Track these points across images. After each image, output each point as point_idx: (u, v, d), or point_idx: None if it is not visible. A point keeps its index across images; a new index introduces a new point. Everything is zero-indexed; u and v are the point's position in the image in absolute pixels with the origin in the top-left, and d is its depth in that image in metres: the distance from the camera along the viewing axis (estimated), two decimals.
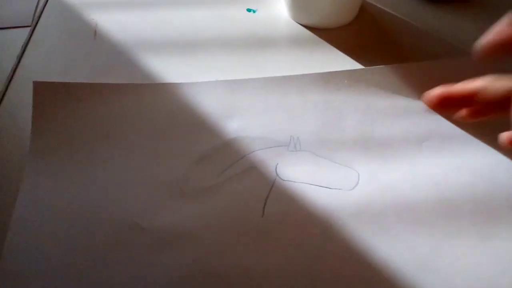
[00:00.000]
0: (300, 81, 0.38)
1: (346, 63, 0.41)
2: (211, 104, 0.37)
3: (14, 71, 0.42)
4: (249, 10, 0.47)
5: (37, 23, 0.47)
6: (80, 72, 0.41)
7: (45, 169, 0.34)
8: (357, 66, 0.41)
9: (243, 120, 0.36)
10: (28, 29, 0.46)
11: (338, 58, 0.42)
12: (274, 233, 0.31)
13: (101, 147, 0.35)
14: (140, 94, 0.38)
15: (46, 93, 0.38)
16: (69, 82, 0.38)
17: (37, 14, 0.48)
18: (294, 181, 0.33)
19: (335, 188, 0.33)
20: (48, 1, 0.49)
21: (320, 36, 0.44)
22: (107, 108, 0.37)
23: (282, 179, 0.33)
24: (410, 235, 0.30)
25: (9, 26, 0.47)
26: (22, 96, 0.40)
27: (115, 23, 0.45)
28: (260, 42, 0.43)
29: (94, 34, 0.45)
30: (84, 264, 0.30)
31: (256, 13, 0.46)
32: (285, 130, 0.36)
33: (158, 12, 0.47)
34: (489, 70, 0.33)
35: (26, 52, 0.44)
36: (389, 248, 0.30)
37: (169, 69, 0.41)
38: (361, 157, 0.34)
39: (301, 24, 0.45)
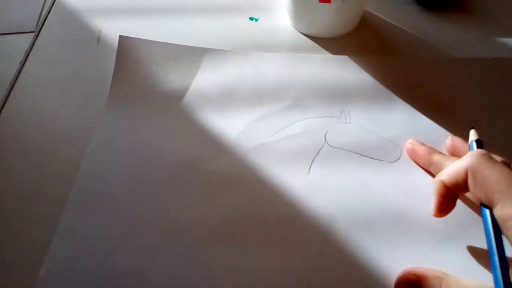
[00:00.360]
0: (355, 63, 0.42)
1: None
2: (274, 74, 0.41)
3: (17, 76, 0.42)
4: (251, 18, 0.47)
5: (41, 29, 0.47)
6: (84, 78, 0.42)
7: (120, 112, 0.39)
8: None
9: (301, 90, 0.40)
10: (32, 35, 0.46)
11: None
12: (317, 190, 0.34)
13: (172, 100, 0.40)
14: (212, 57, 0.42)
15: (128, 47, 0.42)
16: (151, 40, 0.43)
17: (41, 20, 0.48)
18: (341, 148, 0.36)
19: (378, 159, 0.36)
20: (52, 7, 0.49)
21: (322, 45, 0.44)
22: (181, 66, 0.42)
23: (330, 145, 0.37)
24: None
25: (13, 31, 0.47)
26: (24, 102, 0.40)
27: (119, 29, 0.44)
28: (263, 50, 0.43)
29: (97, 41, 0.45)
30: (146, 192, 0.34)
31: (259, 21, 0.47)
32: (338, 104, 0.39)
33: (162, 19, 0.47)
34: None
35: (29, 58, 0.44)
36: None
37: None
38: (407, 136, 0.37)
39: (302, 33, 0.45)
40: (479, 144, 0.32)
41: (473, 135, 0.33)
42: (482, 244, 0.31)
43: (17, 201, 0.35)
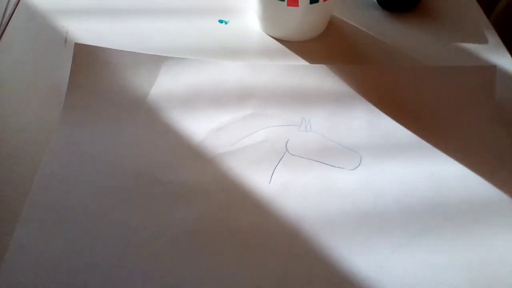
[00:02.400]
0: (317, 71, 0.42)
1: None
2: (236, 82, 0.41)
3: None
4: (221, 21, 0.47)
5: (4, 29, 0.45)
6: (49, 80, 0.41)
7: (76, 121, 0.38)
8: None
9: (262, 99, 0.40)
10: None
11: None
12: (278, 199, 0.34)
13: (130, 109, 0.39)
14: (171, 65, 0.41)
15: (84, 54, 0.41)
16: (108, 48, 0.42)
17: (5, 21, 0.46)
18: (302, 157, 0.36)
19: (338, 167, 0.36)
20: (17, 8, 0.47)
21: (290, 49, 0.45)
22: (139, 74, 0.41)
23: (290, 153, 0.36)
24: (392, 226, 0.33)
25: None
26: None
27: (86, 31, 0.44)
28: (232, 53, 0.44)
29: (64, 42, 0.44)
30: (104, 206, 0.33)
31: (228, 24, 0.47)
32: (299, 112, 0.39)
33: (130, 20, 0.46)
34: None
35: None
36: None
37: None
38: (366, 144, 0.37)
39: (272, 37, 0.46)
40: None
41: None
42: (438, 251, 0.31)
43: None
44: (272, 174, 0.35)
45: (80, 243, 0.32)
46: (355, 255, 0.31)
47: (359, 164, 0.36)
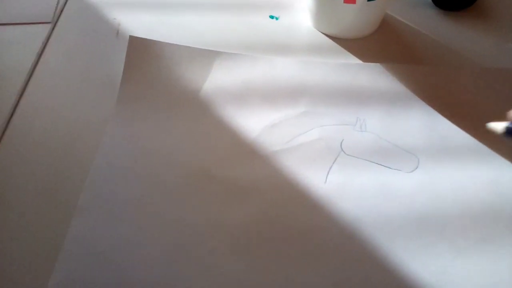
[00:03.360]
0: (372, 70, 0.41)
1: None
2: (288, 79, 0.40)
3: (34, 67, 0.42)
4: (271, 17, 0.46)
5: (57, 19, 0.46)
6: (101, 72, 0.41)
7: (130, 114, 0.38)
8: None
9: (315, 96, 0.39)
10: (49, 26, 0.45)
11: None
12: (334, 199, 0.33)
13: (183, 103, 0.39)
14: (225, 60, 0.41)
15: (139, 47, 0.41)
16: (162, 41, 0.42)
17: (58, 11, 0.46)
18: (357, 157, 0.36)
19: (395, 169, 0.35)
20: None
21: (343, 46, 0.44)
22: (192, 69, 0.41)
23: (346, 153, 0.36)
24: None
25: (29, 21, 0.45)
26: (40, 93, 0.40)
27: (138, 23, 0.44)
28: (282, 49, 0.43)
29: (116, 34, 0.44)
30: (157, 200, 0.33)
31: (279, 20, 0.46)
32: (353, 111, 0.38)
33: (182, 14, 0.46)
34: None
35: (46, 49, 0.43)
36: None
37: None
38: (423, 146, 0.36)
39: (323, 33, 0.45)
40: None
41: None
42: (501, 260, 0.30)
43: (25, 200, 0.34)
44: (328, 173, 0.35)
45: (134, 237, 0.32)
46: (414, 259, 0.31)
47: (417, 167, 0.35)
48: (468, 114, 0.38)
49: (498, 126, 0.30)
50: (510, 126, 0.29)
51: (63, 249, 0.31)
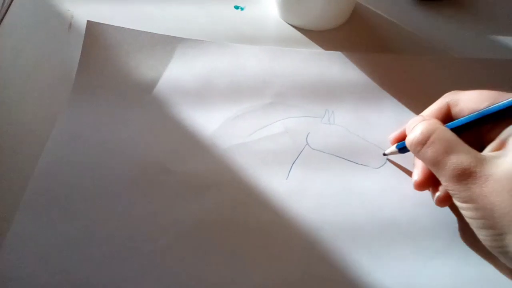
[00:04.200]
0: (343, 59, 0.39)
1: None
2: (254, 68, 0.38)
3: None
4: (236, 7, 0.44)
5: (6, 12, 0.42)
6: (53, 66, 0.38)
7: (86, 104, 0.36)
8: None
9: (282, 87, 0.37)
10: None
11: None
12: (295, 196, 0.32)
13: (141, 92, 0.36)
14: (187, 47, 0.39)
15: (97, 33, 0.39)
16: (122, 27, 0.39)
17: (7, 2, 0.43)
18: (323, 151, 0.34)
19: (362, 164, 0.33)
20: None
21: (311, 38, 0.41)
22: (153, 56, 0.38)
23: (311, 147, 0.34)
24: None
25: None
26: None
27: (93, 15, 0.41)
28: (247, 41, 0.40)
29: (69, 27, 0.41)
30: (109, 195, 0.31)
31: (244, 10, 0.43)
32: (321, 103, 0.36)
33: (141, 6, 0.43)
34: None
35: None
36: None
37: None
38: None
39: (291, 25, 0.42)
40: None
41: None
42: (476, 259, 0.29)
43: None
44: (290, 169, 0.33)
45: (83, 234, 0.30)
46: (376, 261, 0.29)
47: (385, 163, 0.33)
48: None
49: (392, 149, 0.33)
50: (399, 145, 0.32)
51: (4, 245, 0.29)
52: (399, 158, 0.33)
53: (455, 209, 0.30)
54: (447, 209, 0.31)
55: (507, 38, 0.42)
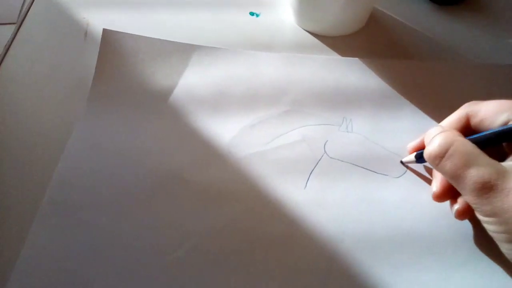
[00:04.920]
0: (360, 65, 0.38)
1: None
2: (271, 75, 0.38)
3: None
4: (252, 13, 0.43)
5: (23, 20, 0.43)
6: (69, 74, 0.39)
7: (102, 112, 0.35)
8: None
9: (299, 94, 0.37)
10: (13, 27, 0.42)
11: None
12: (314, 206, 0.31)
13: (157, 100, 0.36)
14: (203, 55, 0.39)
15: (113, 41, 0.39)
16: (137, 35, 0.39)
17: (23, 11, 0.43)
18: (341, 160, 0.33)
19: (381, 173, 0.33)
20: None
21: (327, 44, 0.41)
22: (168, 64, 0.38)
23: (329, 156, 0.33)
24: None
25: None
26: (3, 97, 0.37)
27: (108, 23, 0.41)
28: (263, 48, 0.40)
29: (84, 34, 0.41)
30: (126, 205, 0.31)
31: (260, 17, 0.43)
32: (339, 111, 0.36)
33: (156, 13, 0.43)
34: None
35: (10, 51, 0.40)
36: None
37: None
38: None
39: (307, 31, 0.42)
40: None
41: None
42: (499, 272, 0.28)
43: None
44: (308, 178, 0.32)
45: (99, 243, 0.29)
46: (398, 274, 0.28)
47: (405, 172, 0.33)
48: None
49: (410, 158, 0.32)
50: (417, 154, 0.31)
51: (20, 256, 0.29)
52: (420, 167, 0.33)
53: (474, 221, 0.29)
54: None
55: None
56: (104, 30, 0.39)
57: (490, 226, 0.25)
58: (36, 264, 0.28)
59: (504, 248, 0.25)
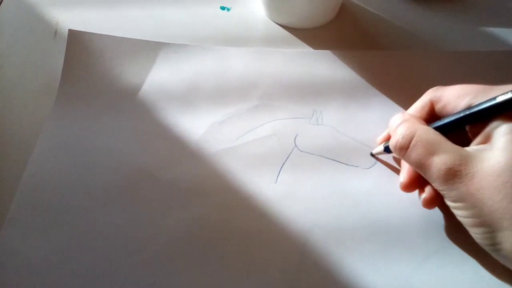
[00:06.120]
0: (332, 57, 0.38)
1: None
2: (240, 70, 0.37)
3: None
4: (222, 8, 0.43)
5: None
6: (38, 74, 0.38)
7: (69, 114, 0.35)
8: None
9: (269, 88, 0.36)
10: None
11: None
12: (284, 200, 0.31)
13: (125, 100, 0.36)
14: (171, 52, 0.38)
15: (79, 42, 0.38)
16: (104, 34, 0.39)
17: None
18: (312, 153, 0.33)
19: (352, 165, 0.32)
20: None
21: (298, 37, 0.41)
22: (136, 62, 0.38)
23: (300, 149, 0.33)
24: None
25: None
26: None
27: (78, 22, 0.40)
28: (235, 42, 0.40)
29: (54, 34, 0.41)
30: (96, 205, 0.31)
31: (230, 11, 0.43)
32: (309, 103, 0.36)
33: (125, 9, 0.42)
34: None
35: None
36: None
37: None
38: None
39: (278, 24, 0.42)
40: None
41: None
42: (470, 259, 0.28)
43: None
44: (279, 172, 0.32)
45: (70, 246, 0.29)
46: (369, 265, 0.28)
47: (375, 163, 0.32)
48: None
49: (379, 149, 0.32)
50: (385, 145, 0.31)
51: None
52: (389, 157, 0.33)
53: (444, 210, 0.29)
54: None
55: (497, 29, 0.41)
56: (70, 31, 0.39)
57: (458, 211, 0.25)
58: (7, 267, 0.28)
59: (473, 232, 0.25)
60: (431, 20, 0.42)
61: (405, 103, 0.35)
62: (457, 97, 0.27)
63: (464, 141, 0.27)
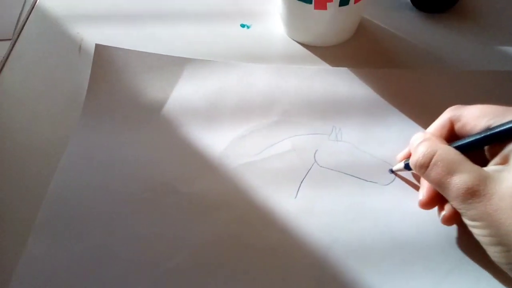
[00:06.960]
0: (349, 75, 0.39)
1: None
2: (261, 86, 0.38)
3: None
4: (243, 25, 0.44)
5: (18, 36, 0.44)
6: (64, 89, 0.39)
7: (96, 126, 0.36)
8: None
9: (289, 104, 0.37)
10: (8, 43, 0.43)
11: None
12: (304, 215, 0.31)
13: (150, 114, 0.37)
14: (195, 68, 0.39)
15: (105, 56, 0.40)
16: (130, 49, 0.40)
17: (19, 27, 0.44)
18: (331, 169, 0.34)
19: (371, 181, 0.33)
20: (31, 13, 0.46)
21: (317, 54, 0.42)
22: (161, 77, 0.39)
23: (319, 165, 0.34)
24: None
25: None
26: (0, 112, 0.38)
27: (102, 38, 0.42)
28: (254, 59, 0.41)
29: (79, 49, 0.42)
30: (120, 217, 0.32)
31: (250, 28, 0.44)
32: (329, 120, 0.36)
33: (148, 26, 0.44)
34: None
35: (5, 67, 0.41)
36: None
37: None
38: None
39: (297, 42, 0.43)
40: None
41: None
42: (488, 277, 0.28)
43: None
44: (299, 187, 0.33)
45: (94, 256, 0.30)
46: (388, 282, 0.29)
47: (394, 179, 0.33)
48: None
49: (400, 166, 0.32)
50: (406, 162, 0.31)
51: (17, 269, 0.29)
52: (409, 174, 0.33)
53: (462, 227, 0.30)
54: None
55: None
56: (97, 45, 0.40)
57: (476, 230, 0.26)
58: (32, 278, 0.29)
59: (490, 251, 0.26)
60: (448, 38, 0.43)
61: (422, 121, 0.36)
62: (476, 118, 0.28)
63: (481, 161, 0.28)
